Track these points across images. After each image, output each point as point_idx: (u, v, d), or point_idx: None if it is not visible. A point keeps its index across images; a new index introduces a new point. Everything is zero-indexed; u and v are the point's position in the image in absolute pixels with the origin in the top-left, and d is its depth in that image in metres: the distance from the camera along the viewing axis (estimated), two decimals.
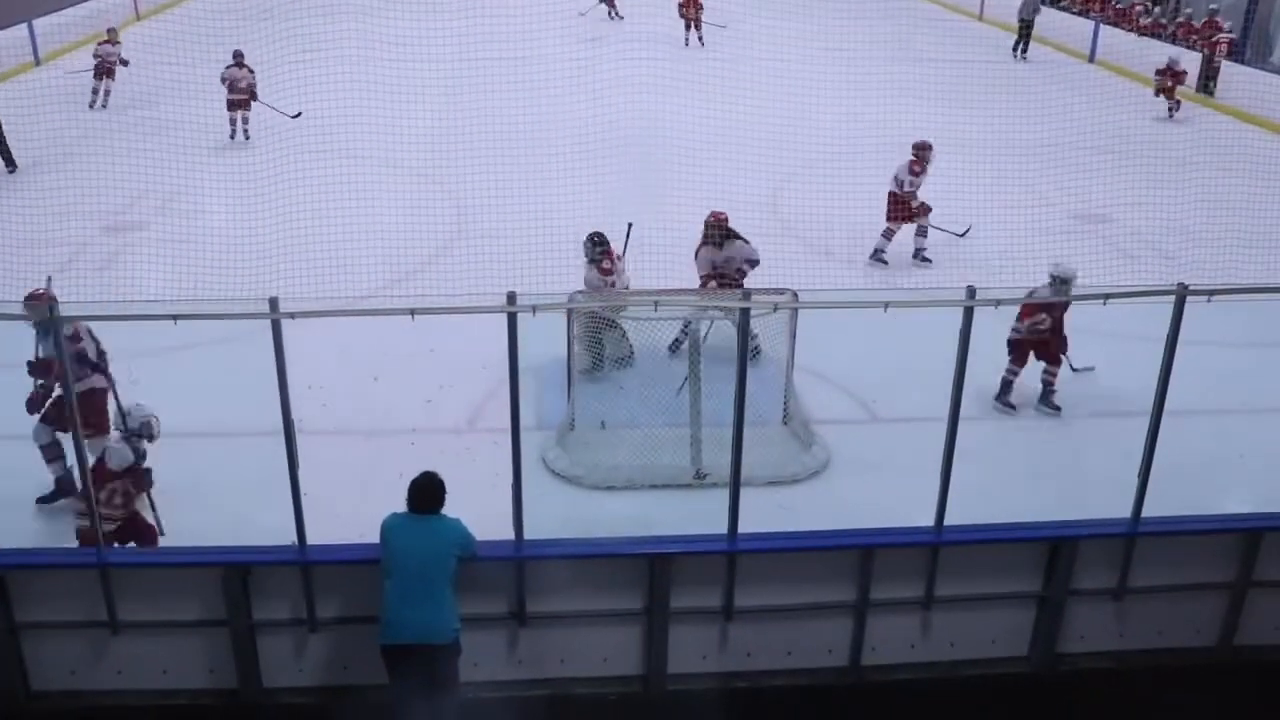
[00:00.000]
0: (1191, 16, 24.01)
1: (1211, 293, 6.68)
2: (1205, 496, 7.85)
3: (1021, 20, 26.05)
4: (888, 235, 12.94)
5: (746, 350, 6.46)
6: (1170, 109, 20.44)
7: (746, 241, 10.30)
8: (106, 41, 20.07)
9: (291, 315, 5.98)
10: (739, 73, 20.32)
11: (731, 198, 13.21)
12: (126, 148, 14.76)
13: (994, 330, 6.72)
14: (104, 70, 19.60)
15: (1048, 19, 28.01)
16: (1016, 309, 8.92)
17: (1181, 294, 6.54)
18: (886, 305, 6.28)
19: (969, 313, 6.32)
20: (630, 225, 10.17)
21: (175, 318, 5.97)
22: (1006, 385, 9.47)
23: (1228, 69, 21.58)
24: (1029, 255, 11.77)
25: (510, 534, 6.54)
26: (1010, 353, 9.34)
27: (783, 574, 6.86)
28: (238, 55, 17.53)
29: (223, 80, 17.51)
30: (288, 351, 6.03)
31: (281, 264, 10.86)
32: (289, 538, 6.41)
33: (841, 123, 16.81)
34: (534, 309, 6.08)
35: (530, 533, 6.56)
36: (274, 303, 5.91)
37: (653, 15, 21.50)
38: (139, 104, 18.49)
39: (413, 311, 6.06)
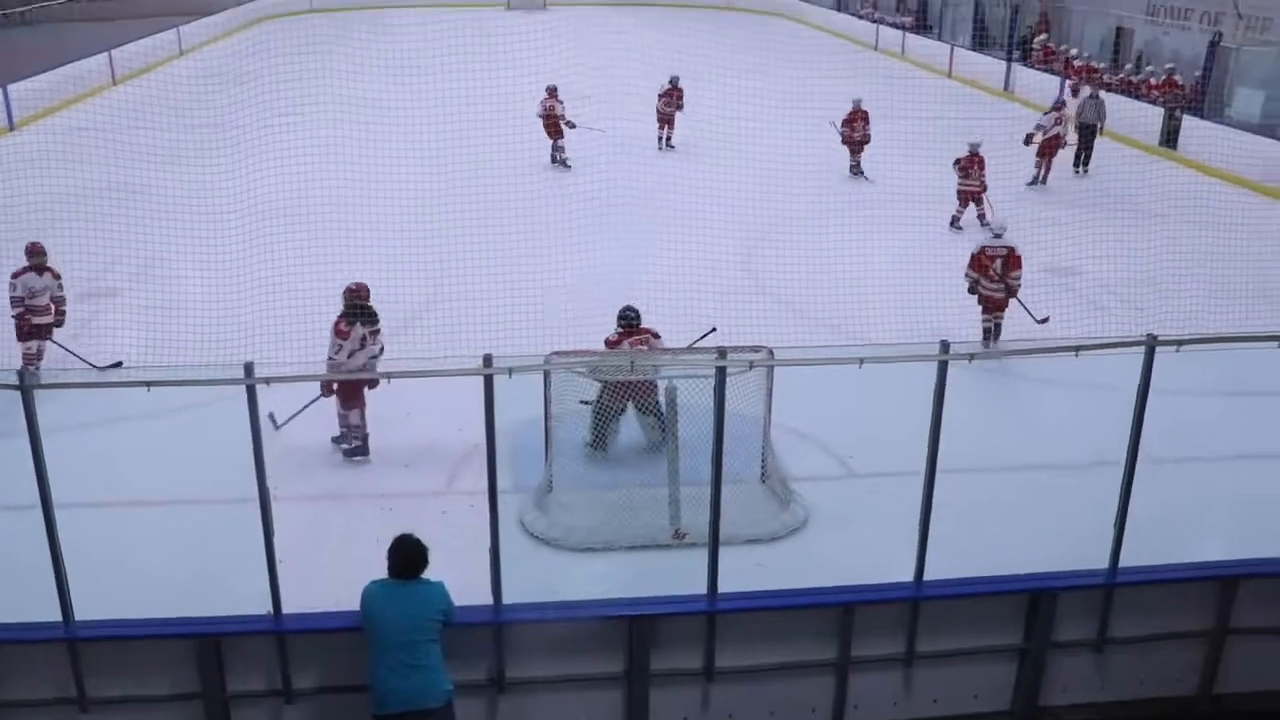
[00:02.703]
0: (1153, 74, 24.48)
1: (1180, 343, 6.77)
2: (1181, 545, 7.89)
3: (1082, 126, 21.10)
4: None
5: (724, 409, 6.47)
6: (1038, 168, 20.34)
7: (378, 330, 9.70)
8: None
9: (267, 381, 5.97)
10: (711, 134, 20.54)
11: (706, 258, 13.36)
12: (101, 213, 14.75)
13: (968, 383, 6.77)
14: None
15: (1017, 76, 28.52)
16: (995, 363, 9.03)
17: (1151, 345, 6.64)
18: (861, 362, 6.33)
19: (943, 367, 6.37)
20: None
21: (149, 384, 5.94)
22: (986, 332, 12.07)
23: (1188, 123, 21.97)
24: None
25: (488, 598, 6.51)
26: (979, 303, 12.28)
27: (763, 633, 6.84)
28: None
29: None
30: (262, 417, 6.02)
31: (257, 329, 10.85)
32: (264, 606, 6.35)
33: (814, 180, 17.04)
34: (510, 371, 6.09)
35: (509, 596, 6.53)
36: (249, 368, 5.91)
37: (636, 74, 21.72)
38: (114, 168, 18.51)
39: (389, 375, 6.07)
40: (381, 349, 9.72)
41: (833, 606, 6.85)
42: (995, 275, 12.24)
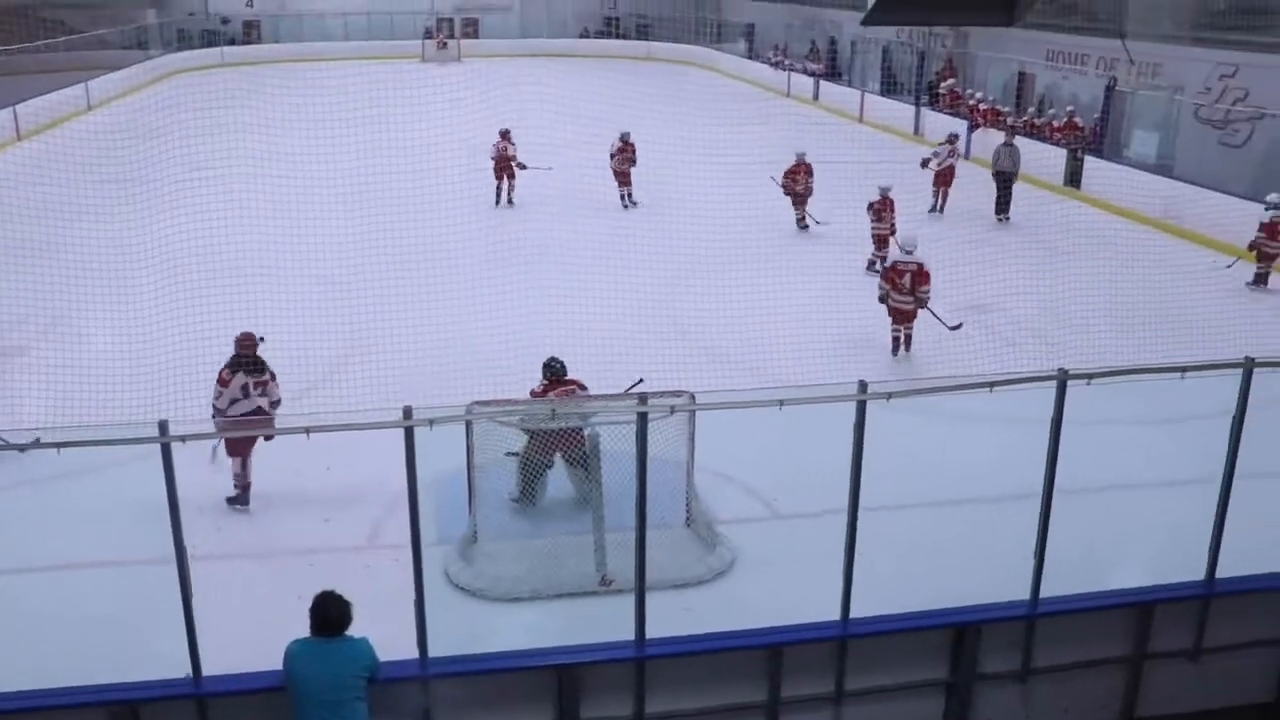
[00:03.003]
0: (1055, 117, 25.22)
1: (1090, 376, 6.94)
2: (1100, 573, 8.03)
3: (999, 174, 21.18)
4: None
5: (646, 455, 6.49)
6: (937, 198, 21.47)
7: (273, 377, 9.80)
8: None
9: (182, 439, 5.86)
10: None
11: (626, 304, 13.43)
12: (5, 270, 14.43)
13: (887, 421, 6.86)
14: None
15: (926, 120, 29.15)
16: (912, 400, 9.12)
17: (1063, 378, 6.79)
18: (781, 403, 6.39)
19: (861, 406, 6.46)
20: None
21: (60, 445, 5.81)
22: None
23: (1090, 164, 22.65)
24: (922, 346, 12.11)
25: (414, 652, 6.42)
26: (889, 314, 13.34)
27: (693, 677, 6.82)
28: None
29: None
30: (179, 475, 5.90)
31: (171, 387, 10.64)
32: (183, 670, 6.20)
33: (732, 225, 17.23)
34: (431, 423, 6.05)
35: (435, 649, 6.44)
36: (163, 426, 5.80)
37: (550, 125, 21.82)
38: (19, 225, 18.12)
39: (308, 430, 5.99)
40: (277, 401, 9.75)
41: (761, 648, 6.86)
42: (904, 288, 13.28)
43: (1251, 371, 7.17)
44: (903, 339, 13.49)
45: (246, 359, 9.54)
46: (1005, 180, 20.95)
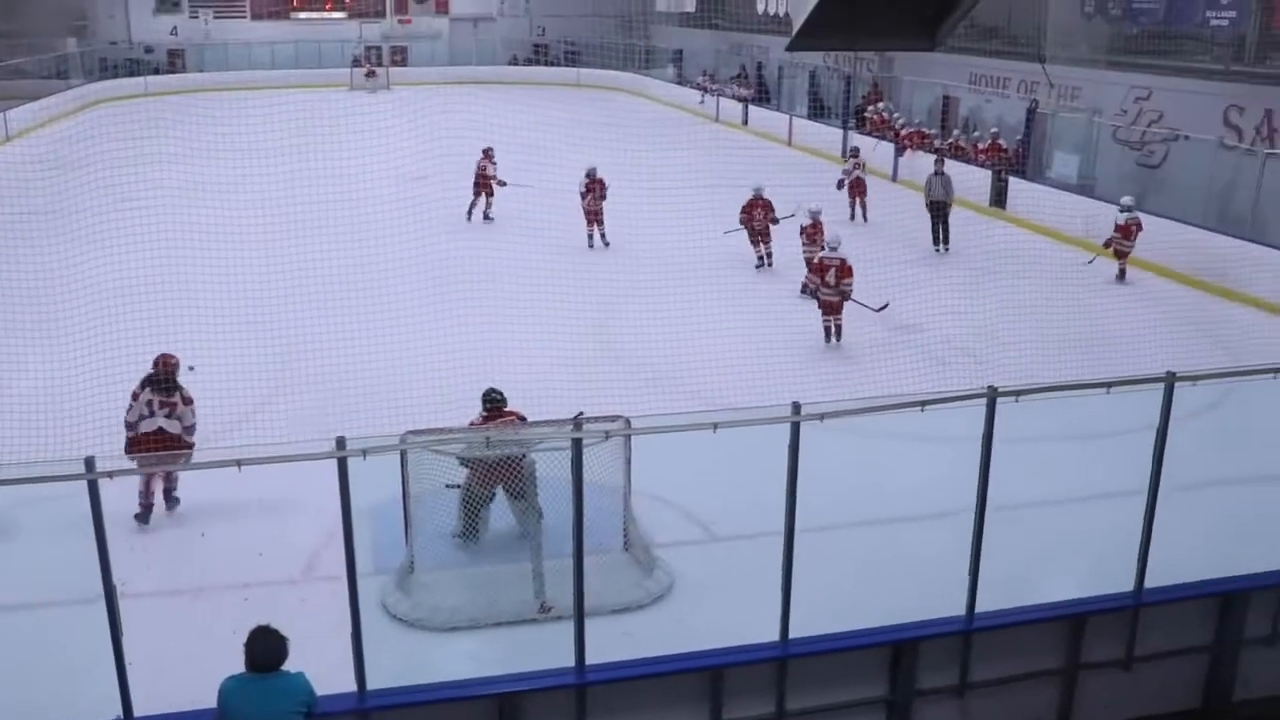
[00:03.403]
0: (980, 139, 25.68)
1: (1018, 393, 7.08)
2: (1033, 587, 8.14)
3: (933, 204, 20.69)
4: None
5: (582, 480, 6.49)
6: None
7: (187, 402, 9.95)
8: None
9: (110, 475, 5.77)
10: (558, 205, 20.73)
11: (559, 328, 13.44)
12: None
13: (821, 442, 6.93)
14: None
15: (854, 143, 29.51)
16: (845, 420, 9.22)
17: (992, 396, 6.92)
18: (715, 426, 6.44)
19: (795, 428, 6.52)
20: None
21: None
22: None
23: (1014, 184, 23.10)
24: (852, 366, 12.25)
25: (352, 685, 6.35)
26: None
27: (634, 702, 6.83)
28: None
29: None
30: (111, 509, 5.81)
31: (97, 421, 10.45)
32: (115, 710, 6.08)
33: (665, 249, 17.32)
34: (364, 453, 6.01)
35: (374, 682, 6.38)
36: (89, 462, 5.70)
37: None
38: None
39: (239, 462, 5.92)
40: (191, 426, 9.89)
41: (701, 670, 6.88)
42: (830, 283, 14.60)
43: (1173, 386, 7.36)
44: (833, 329, 14.69)
45: (158, 378, 9.74)
46: (940, 209, 20.51)
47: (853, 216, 22.25)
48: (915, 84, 31.12)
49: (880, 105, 31.12)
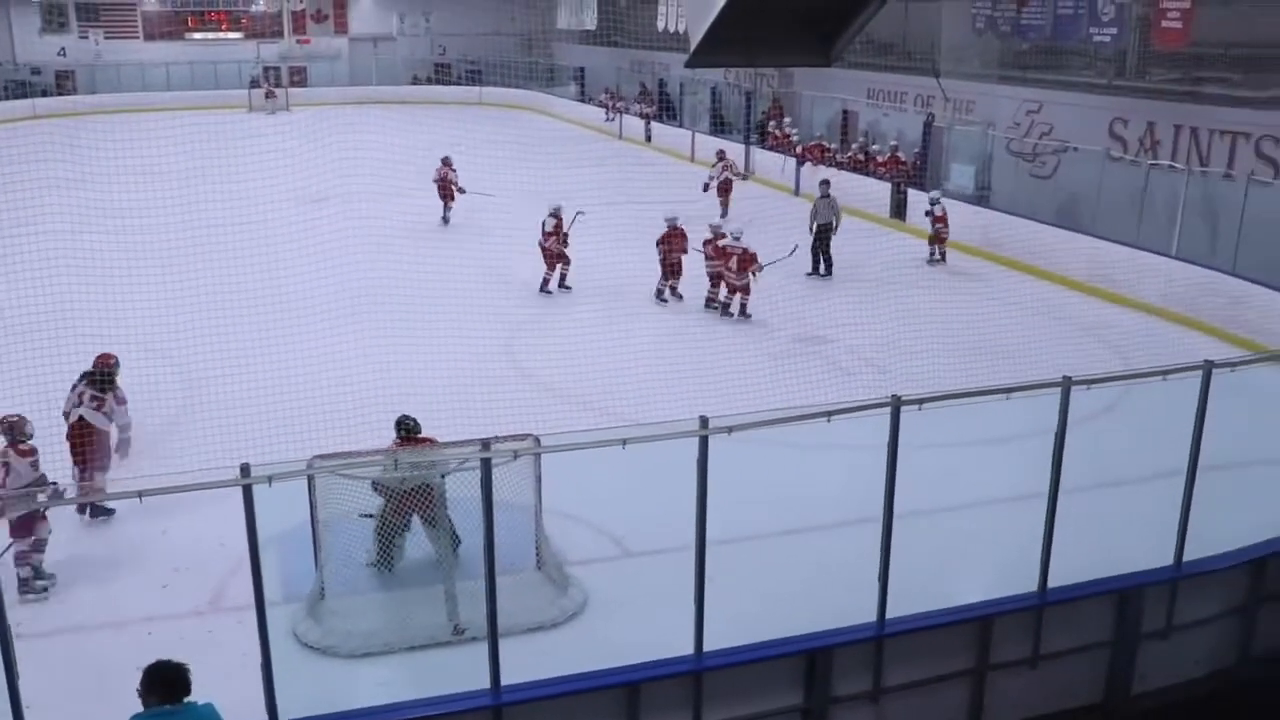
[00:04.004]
0: (879, 152, 26.14)
1: (922, 401, 7.23)
2: (942, 591, 8.29)
3: (818, 228, 19.98)
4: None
5: (491, 500, 6.47)
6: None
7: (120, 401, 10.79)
8: None
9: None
10: (464, 222, 20.67)
11: (467, 347, 13.37)
12: None
13: (730, 455, 6.99)
14: None
15: (756, 158, 29.87)
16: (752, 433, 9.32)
17: (896, 405, 7.06)
18: (625, 442, 6.46)
19: (704, 441, 6.58)
20: None
21: None
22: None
23: (913, 196, 23.54)
24: (761, 378, 12.37)
25: (264, 717, 6.24)
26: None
27: None
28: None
29: None
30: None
31: None
32: None
33: (570, 267, 17.33)
34: (270, 479, 5.93)
35: (286, 712, 6.29)
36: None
37: (381, 172, 21.59)
38: None
39: (140, 494, 5.80)
40: (125, 425, 10.79)
41: (618, 686, 6.89)
42: (733, 269, 16.47)
43: (1069, 390, 7.57)
44: (736, 306, 16.57)
45: (94, 374, 10.49)
46: (824, 233, 19.83)
47: (724, 214, 23.16)
48: (815, 99, 31.58)
49: (787, 120, 31.54)
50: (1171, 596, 8.22)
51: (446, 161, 23.82)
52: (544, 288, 17.85)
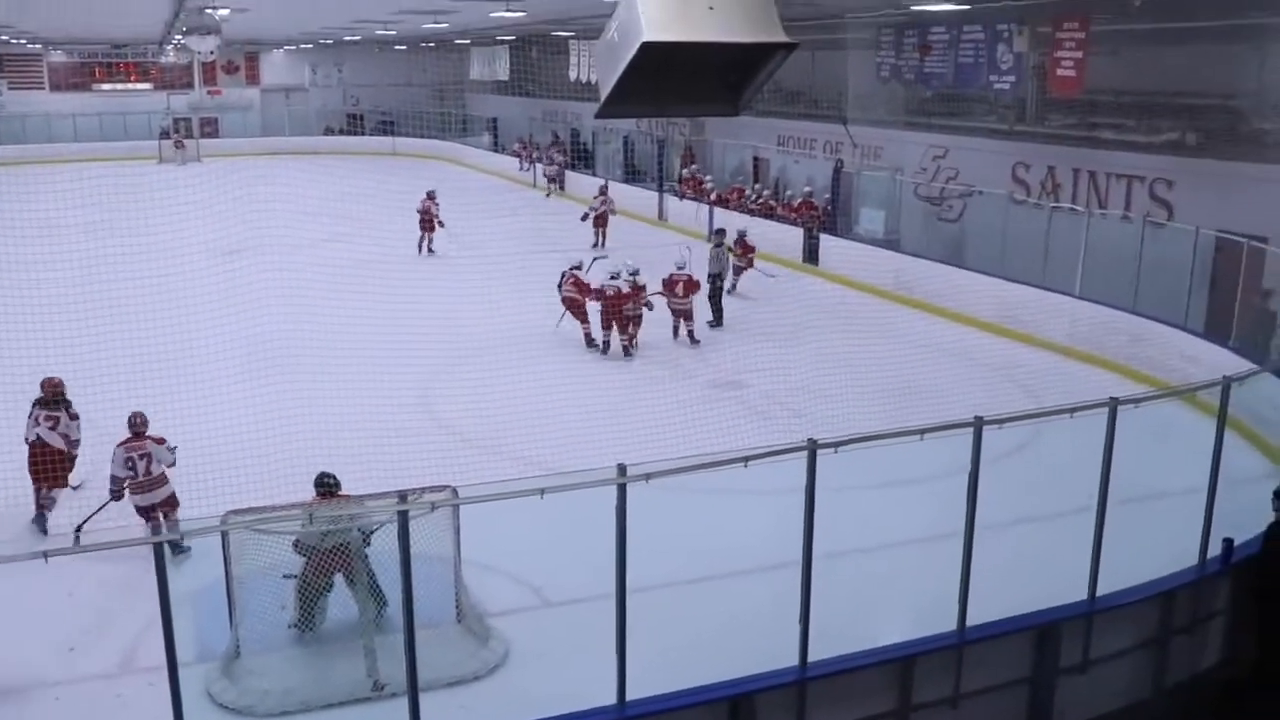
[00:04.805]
0: (792, 198, 26.54)
1: (837, 444, 7.30)
2: (863, 633, 8.33)
3: (711, 276, 19.79)
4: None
5: (409, 553, 6.40)
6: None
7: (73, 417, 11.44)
8: None
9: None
10: (377, 276, 20.49)
11: (382, 399, 13.25)
12: None
13: (649, 502, 7.00)
14: None
15: (669, 204, 30.12)
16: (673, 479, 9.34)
17: (812, 449, 7.12)
18: (543, 492, 6.44)
19: (622, 489, 6.58)
20: None
21: None
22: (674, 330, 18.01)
23: (825, 241, 23.93)
24: (679, 425, 12.40)
25: None
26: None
27: None
28: None
29: None
30: None
31: None
32: None
33: (486, 314, 17.30)
34: (181, 535, 5.81)
35: None
36: None
37: (294, 223, 21.39)
38: None
39: (45, 554, 5.64)
40: (76, 440, 11.32)
41: None
42: (679, 294, 17.88)
43: (981, 430, 7.71)
44: (683, 330, 17.95)
45: (45, 399, 11.36)
46: (716, 282, 19.72)
47: (596, 243, 25.65)
48: (726, 145, 32.03)
49: (693, 167, 31.88)
50: (1087, 631, 8.36)
51: (430, 195, 25.90)
52: (590, 344, 17.79)
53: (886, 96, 25.42)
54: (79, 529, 9.90)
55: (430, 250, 25.54)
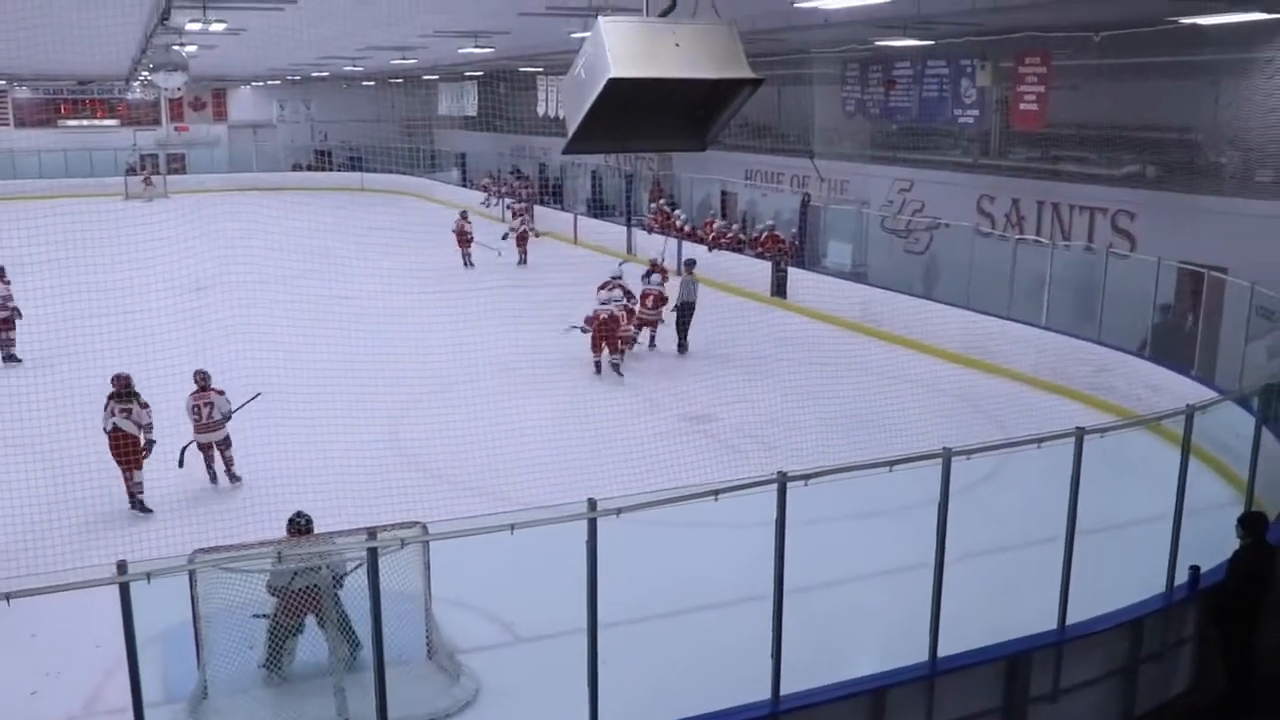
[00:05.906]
0: (762, 231, 26.65)
1: (807, 476, 7.31)
2: (836, 664, 8.33)
3: (682, 305, 20.05)
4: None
5: (379, 590, 6.36)
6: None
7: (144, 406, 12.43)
8: None
9: None
10: (345, 311, 20.45)
11: (351, 435, 13.18)
12: None
13: (620, 536, 6.99)
14: None
15: (637, 238, 30.22)
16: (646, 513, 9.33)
17: (782, 481, 7.13)
18: (513, 527, 6.42)
19: (592, 524, 6.57)
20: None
21: None
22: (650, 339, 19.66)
23: (793, 274, 24.06)
24: (649, 458, 12.41)
25: None
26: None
27: None
28: None
29: None
30: None
31: None
32: None
33: (453, 350, 17.24)
34: (148, 575, 5.75)
35: None
36: None
37: (262, 259, 21.31)
38: None
39: (9, 595, 5.57)
40: (148, 425, 12.42)
41: None
42: (649, 306, 19.22)
43: (950, 460, 7.74)
44: (649, 339, 19.36)
45: (117, 392, 12.44)
46: (685, 311, 19.93)
47: (520, 260, 28.87)
48: (694, 180, 32.20)
49: (661, 201, 32.01)
50: (1057, 660, 8.38)
51: (464, 215, 29.01)
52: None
53: (852, 131, 25.66)
54: (181, 455, 12.46)
55: (471, 264, 28.05)
